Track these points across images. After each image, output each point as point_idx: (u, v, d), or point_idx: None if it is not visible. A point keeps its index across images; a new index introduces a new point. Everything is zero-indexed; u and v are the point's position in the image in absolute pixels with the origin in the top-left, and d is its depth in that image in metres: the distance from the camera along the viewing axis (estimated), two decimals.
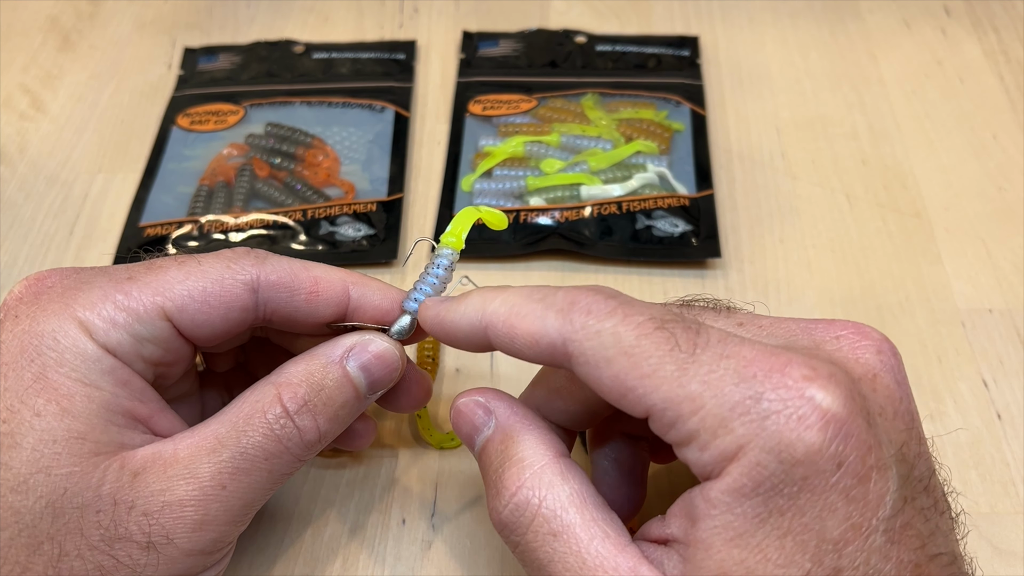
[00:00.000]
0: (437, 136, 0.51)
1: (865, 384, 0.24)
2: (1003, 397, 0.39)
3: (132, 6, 0.59)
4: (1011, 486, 0.36)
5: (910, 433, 0.24)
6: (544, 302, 0.26)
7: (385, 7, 0.58)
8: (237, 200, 0.46)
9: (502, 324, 0.27)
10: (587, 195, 0.46)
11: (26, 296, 0.28)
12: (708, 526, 0.23)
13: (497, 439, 0.28)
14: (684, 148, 0.49)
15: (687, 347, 0.24)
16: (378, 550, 0.35)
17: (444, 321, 0.29)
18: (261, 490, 0.29)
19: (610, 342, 0.24)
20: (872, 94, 0.52)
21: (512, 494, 0.26)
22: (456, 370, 0.40)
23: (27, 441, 0.26)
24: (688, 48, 0.54)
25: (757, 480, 0.22)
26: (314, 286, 0.30)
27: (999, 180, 0.48)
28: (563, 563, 0.25)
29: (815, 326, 0.26)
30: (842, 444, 0.22)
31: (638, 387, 0.24)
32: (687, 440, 0.23)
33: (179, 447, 0.27)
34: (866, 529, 0.22)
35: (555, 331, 0.25)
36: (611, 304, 0.25)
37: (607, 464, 0.31)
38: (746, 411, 0.22)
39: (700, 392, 0.23)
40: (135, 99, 0.53)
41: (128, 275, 0.28)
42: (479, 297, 0.28)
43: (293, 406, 0.28)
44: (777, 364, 0.23)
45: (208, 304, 0.29)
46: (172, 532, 0.26)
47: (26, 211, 0.47)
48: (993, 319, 0.42)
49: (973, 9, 0.57)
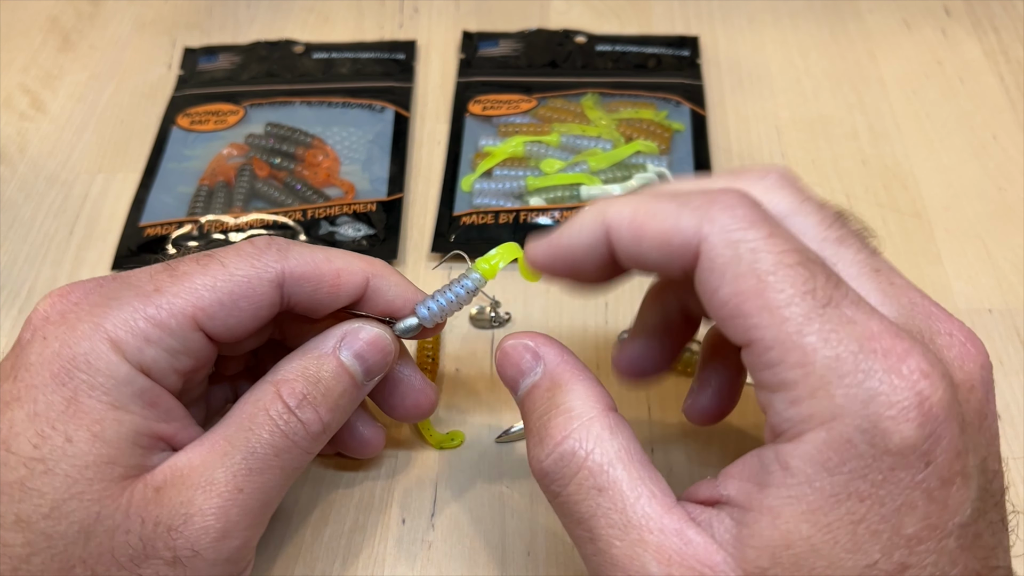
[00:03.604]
0: (437, 136, 0.51)
1: (963, 392, 0.23)
2: (1003, 397, 0.39)
3: (132, 6, 0.59)
4: (1011, 486, 0.36)
5: (991, 449, 0.24)
6: (677, 200, 0.24)
7: (385, 7, 0.58)
8: (237, 200, 0.46)
9: (628, 225, 0.25)
10: (587, 195, 0.46)
11: (52, 315, 0.27)
12: (780, 494, 0.22)
13: (544, 385, 0.27)
14: (684, 148, 0.49)
15: (823, 297, 0.22)
16: (378, 550, 0.35)
17: (560, 244, 0.27)
18: (276, 488, 0.29)
19: (747, 256, 0.23)
20: (872, 94, 0.52)
21: (557, 443, 0.25)
22: (456, 370, 0.40)
23: (60, 468, 0.25)
24: (688, 48, 0.54)
25: (844, 457, 0.21)
26: (336, 278, 0.30)
27: (999, 180, 0.48)
28: (607, 519, 0.24)
29: (935, 312, 0.25)
30: (934, 444, 0.21)
31: (754, 316, 0.22)
32: (779, 387, 0.22)
33: (192, 457, 0.28)
34: (941, 531, 0.22)
35: (691, 229, 0.23)
36: (757, 214, 0.23)
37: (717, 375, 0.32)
38: (853, 383, 0.22)
39: (815, 346, 0.22)
40: (135, 99, 0.53)
41: (154, 286, 0.28)
42: (596, 206, 0.26)
43: (293, 401, 0.29)
44: (898, 349, 0.22)
45: (238, 307, 0.28)
46: (197, 544, 0.26)
47: (26, 211, 0.47)
48: (993, 319, 0.42)
49: (973, 9, 0.57)
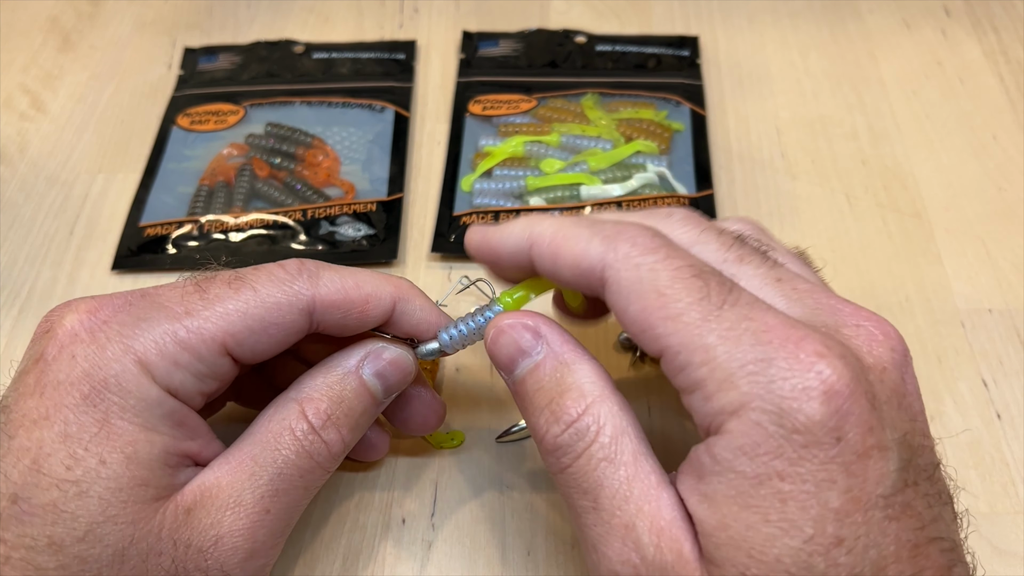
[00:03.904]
0: (437, 136, 0.51)
1: (873, 374, 0.24)
2: (1003, 397, 0.39)
3: (132, 6, 0.59)
4: (1011, 486, 0.36)
5: (914, 425, 0.25)
6: (591, 228, 0.27)
7: (385, 7, 0.58)
8: (237, 200, 0.46)
9: (548, 244, 0.28)
10: (587, 195, 0.46)
11: (81, 333, 0.27)
12: (712, 481, 0.24)
13: (550, 364, 0.28)
14: (684, 148, 0.49)
15: (717, 300, 0.24)
16: (378, 550, 0.35)
17: (490, 240, 0.30)
18: (297, 508, 0.29)
19: (647, 277, 0.25)
20: (872, 94, 0.52)
21: (573, 419, 0.27)
22: (456, 370, 0.40)
23: (94, 490, 0.25)
24: (688, 48, 0.54)
25: (757, 440, 0.23)
26: (364, 304, 0.30)
27: (999, 180, 0.48)
28: (611, 488, 0.25)
29: (844, 307, 0.26)
30: (842, 420, 0.23)
31: (659, 326, 0.25)
32: (693, 387, 0.24)
33: (220, 476, 0.28)
34: (865, 503, 0.23)
35: (597, 256, 0.26)
36: (656, 242, 0.26)
37: None
38: (754, 372, 0.23)
39: (715, 344, 0.24)
40: (135, 99, 0.53)
41: (184, 308, 0.28)
42: (526, 219, 0.29)
43: (318, 421, 0.29)
44: (794, 336, 0.24)
45: (267, 334, 0.29)
46: (226, 564, 0.27)
47: (26, 211, 0.47)
48: (993, 319, 0.42)
49: (973, 9, 0.57)
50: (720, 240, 0.28)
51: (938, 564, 0.23)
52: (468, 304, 0.42)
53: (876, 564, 0.22)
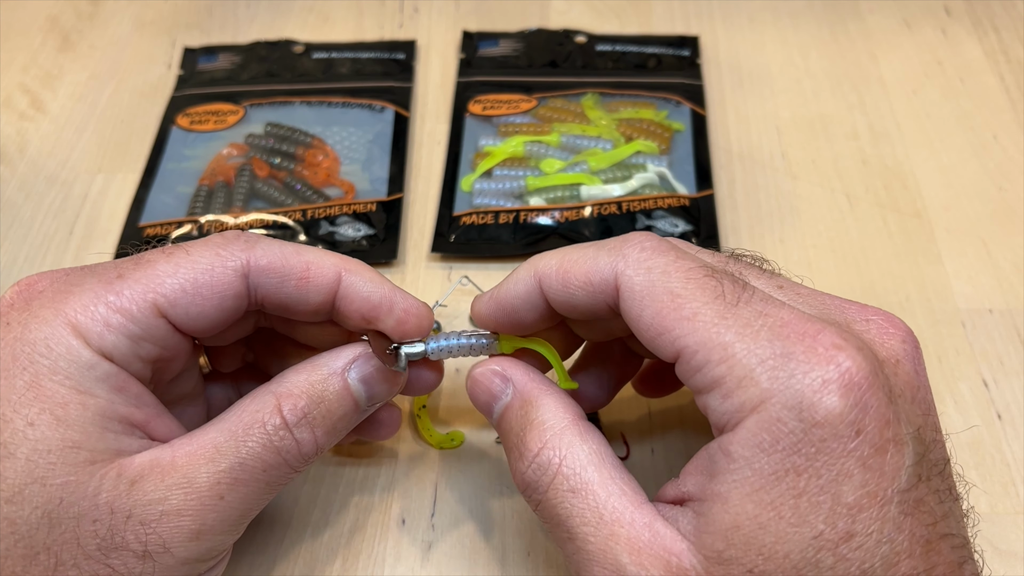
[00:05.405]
0: (437, 136, 0.51)
1: (888, 367, 0.25)
2: (1003, 397, 0.39)
3: (132, 6, 0.59)
4: (1011, 486, 0.36)
5: (927, 419, 0.25)
6: (596, 246, 0.28)
7: (385, 7, 0.58)
8: (237, 200, 0.46)
9: (556, 272, 0.28)
10: (587, 195, 0.46)
11: (17, 302, 0.27)
12: (726, 480, 0.24)
13: (516, 404, 0.29)
14: (684, 148, 0.49)
15: (731, 298, 0.25)
16: (378, 550, 0.35)
17: (499, 298, 0.30)
18: (257, 500, 0.28)
19: (659, 280, 0.25)
20: (872, 94, 0.52)
21: (535, 455, 0.27)
22: (456, 370, 0.40)
23: (21, 451, 0.25)
24: (688, 48, 0.54)
25: (776, 435, 0.23)
26: (305, 271, 0.29)
27: (999, 180, 0.48)
28: (581, 518, 0.26)
29: (849, 306, 0.27)
30: (862, 413, 0.23)
31: (675, 328, 0.25)
32: (711, 386, 0.24)
33: (177, 454, 0.27)
34: (881, 498, 0.23)
35: (608, 267, 0.27)
36: (665, 244, 0.27)
37: (596, 370, 0.34)
38: (774, 367, 0.23)
39: (733, 342, 0.24)
40: (135, 99, 0.53)
41: (117, 273, 0.28)
42: (527, 262, 0.29)
43: (293, 418, 0.28)
44: (811, 330, 0.24)
45: (200, 295, 0.28)
46: (169, 542, 0.26)
47: (26, 211, 0.47)
48: (993, 319, 0.42)
49: (973, 9, 0.57)
50: (716, 256, 0.28)
51: (949, 560, 0.23)
52: (468, 305, 0.42)
53: (888, 560, 0.22)
